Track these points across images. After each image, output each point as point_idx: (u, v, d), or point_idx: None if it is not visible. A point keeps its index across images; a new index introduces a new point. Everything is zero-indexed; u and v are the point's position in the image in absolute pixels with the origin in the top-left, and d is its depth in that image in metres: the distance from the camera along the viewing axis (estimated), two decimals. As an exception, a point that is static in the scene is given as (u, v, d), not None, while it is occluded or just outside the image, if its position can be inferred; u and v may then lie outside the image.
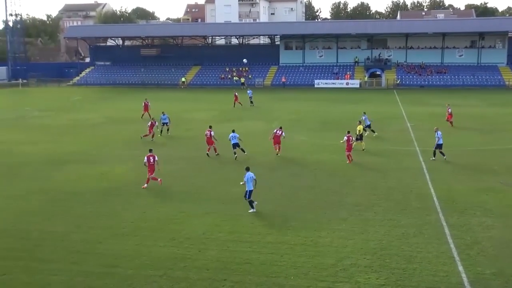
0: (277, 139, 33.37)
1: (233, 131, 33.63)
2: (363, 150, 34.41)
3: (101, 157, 33.61)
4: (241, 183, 24.15)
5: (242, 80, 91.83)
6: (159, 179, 25.99)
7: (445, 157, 31.36)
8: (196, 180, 27.68)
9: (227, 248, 18.26)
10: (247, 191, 22.20)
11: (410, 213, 21.80)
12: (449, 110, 44.67)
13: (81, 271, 16.59)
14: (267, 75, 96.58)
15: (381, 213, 21.85)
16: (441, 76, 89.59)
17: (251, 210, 22.10)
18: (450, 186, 25.85)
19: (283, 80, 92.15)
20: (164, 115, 42.19)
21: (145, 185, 25.94)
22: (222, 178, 27.96)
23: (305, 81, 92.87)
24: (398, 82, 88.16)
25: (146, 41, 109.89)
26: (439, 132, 31.58)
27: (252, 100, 62.25)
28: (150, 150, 26.39)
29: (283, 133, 33.45)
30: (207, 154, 33.51)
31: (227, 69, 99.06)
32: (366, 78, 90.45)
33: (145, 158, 26.22)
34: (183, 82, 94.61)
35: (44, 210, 22.78)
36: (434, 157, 31.57)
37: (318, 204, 23.11)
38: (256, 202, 22.37)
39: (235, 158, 32.48)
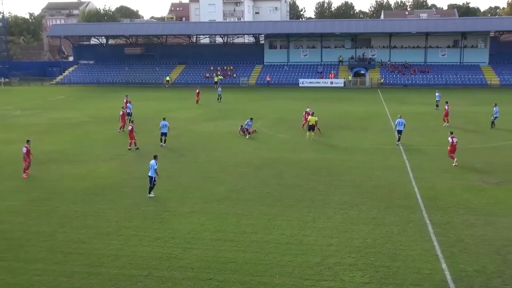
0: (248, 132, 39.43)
1: (164, 119, 36.17)
2: (312, 139, 37.45)
3: (84, 156, 33.38)
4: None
5: (216, 79, 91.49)
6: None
7: (398, 142, 35.78)
8: (180, 179, 27.61)
9: (212, 247, 18.24)
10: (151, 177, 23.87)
11: (394, 211, 21.96)
12: (447, 107, 44.98)
13: (65, 271, 16.48)
14: (251, 74, 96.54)
15: (366, 211, 21.98)
16: (424, 75, 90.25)
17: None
18: (434, 184, 26.07)
19: (268, 79, 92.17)
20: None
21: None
22: (207, 177, 27.93)
23: (290, 80, 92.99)
24: (382, 81, 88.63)
25: (130, 40, 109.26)
26: (401, 120, 36.08)
27: (220, 96, 65.61)
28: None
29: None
30: (130, 148, 35.07)
31: (212, 68, 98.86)
32: (350, 77, 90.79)
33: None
34: (168, 81, 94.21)
35: (27, 210, 22.58)
36: (399, 141, 36.02)
37: (303, 203, 23.18)
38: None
39: (161, 146, 35.58)
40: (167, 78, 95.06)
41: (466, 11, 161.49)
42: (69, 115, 53.32)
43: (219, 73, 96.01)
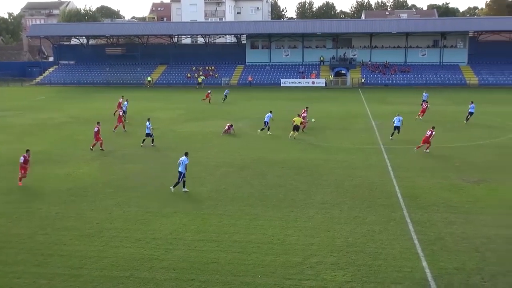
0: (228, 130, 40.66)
1: (148, 120, 36.85)
2: (294, 138, 38.49)
3: (66, 157, 33.10)
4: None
5: (200, 79, 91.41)
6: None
7: (392, 137, 37.95)
8: (163, 179, 27.51)
9: (194, 247, 18.23)
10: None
11: (375, 210, 22.14)
12: (424, 105, 48.79)
13: (45, 273, 16.35)
14: (233, 74, 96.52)
15: (347, 210, 22.12)
16: (404, 75, 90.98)
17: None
18: (414, 183, 26.32)
19: (250, 79, 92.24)
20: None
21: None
22: (189, 177, 27.81)
23: (272, 80, 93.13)
24: (363, 81, 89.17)
25: (111, 40, 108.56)
26: (399, 117, 38.35)
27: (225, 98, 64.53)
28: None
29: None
30: (91, 148, 35.14)
31: (193, 68, 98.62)
32: (331, 77, 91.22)
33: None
34: (149, 81, 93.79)
35: (7, 212, 22.34)
36: (392, 136, 38.18)
37: (285, 203, 23.26)
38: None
39: (141, 146, 36.23)
40: (149, 78, 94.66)
41: (446, 12, 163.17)
42: (51, 116, 52.82)
43: (200, 73, 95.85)
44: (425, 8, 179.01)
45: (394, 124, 38.23)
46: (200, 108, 58.51)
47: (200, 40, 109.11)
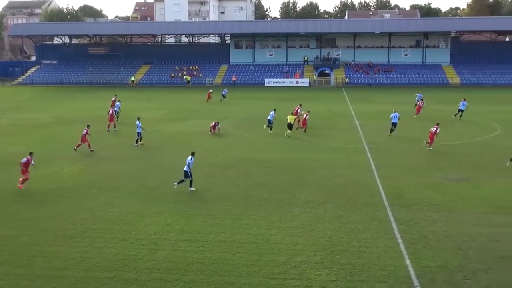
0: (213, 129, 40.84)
1: (138, 119, 36.84)
2: (288, 136, 39.25)
3: (49, 158, 32.75)
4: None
5: (188, 78, 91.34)
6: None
7: (390, 134, 39.17)
8: (146, 179, 27.43)
9: (179, 248, 18.20)
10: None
11: (359, 209, 22.27)
12: (420, 103, 51.17)
13: (28, 274, 16.21)
14: (217, 74, 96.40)
15: (331, 209, 22.22)
16: (387, 75, 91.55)
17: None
18: (397, 182, 26.52)
19: (234, 79, 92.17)
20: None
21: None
22: (173, 177, 27.76)
23: (256, 79, 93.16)
24: (346, 80, 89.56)
25: (94, 39, 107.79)
26: (396, 114, 39.59)
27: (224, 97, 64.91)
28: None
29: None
30: (75, 149, 34.70)
31: (177, 68, 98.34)
32: (315, 77, 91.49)
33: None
34: (133, 81, 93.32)
35: (-11, 214, 22.12)
36: (391, 133, 39.42)
37: (269, 202, 23.30)
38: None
39: (135, 146, 36.28)
40: (132, 78, 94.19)
41: (428, 12, 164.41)
42: (34, 116, 52.34)
43: (184, 73, 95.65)
44: (407, 8, 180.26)
45: (392, 121, 39.26)
46: (184, 108, 58.36)
47: (184, 39, 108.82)
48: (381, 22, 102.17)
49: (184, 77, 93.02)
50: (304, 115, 41.89)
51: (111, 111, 44.17)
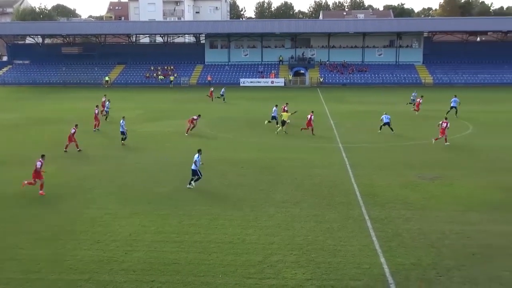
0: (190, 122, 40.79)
1: (123, 118, 37.17)
2: (277, 133, 40.08)
3: (22, 159, 32.20)
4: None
5: (172, 78, 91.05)
6: None
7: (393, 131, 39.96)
8: (121, 180, 27.23)
9: (154, 249, 18.12)
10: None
11: (334, 208, 22.43)
12: (420, 100, 52.65)
13: (1, 278, 15.98)
14: (192, 74, 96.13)
15: (307, 209, 22.34)
16: (362, 75, 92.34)
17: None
18: (372, 181, 26.77)
19: (209, 78, 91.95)
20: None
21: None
22: (149, 178, 27.67)
23: (231, 79, 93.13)
24: (321, 80, 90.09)
25: (67, 39, 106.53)
26: (387, 116, 40.37)
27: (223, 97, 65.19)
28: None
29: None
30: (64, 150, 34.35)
31: (152, 68, 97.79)
32: (290, 77, 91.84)
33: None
34: (107, 81, 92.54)
35: (-40, 216, 21.72)
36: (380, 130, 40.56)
37: (245, 202, 23.33)
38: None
39: (122, 144, 36.50)
40: (106, 78, 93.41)
41: (401, 12, 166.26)
42: (6, 117, 51.51)
43: (159, 73, 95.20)
44: (381, 8, 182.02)
45: (384, 121, 40.16)
46: (159, 108, 58.08)
47: (159, 39, 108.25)
48: (355, 22, 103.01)
49: (160, 77, 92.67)
50: (308, 116, 40.69)
51: (96, 111, 43.87)
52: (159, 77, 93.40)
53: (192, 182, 25.55)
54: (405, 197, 23.96)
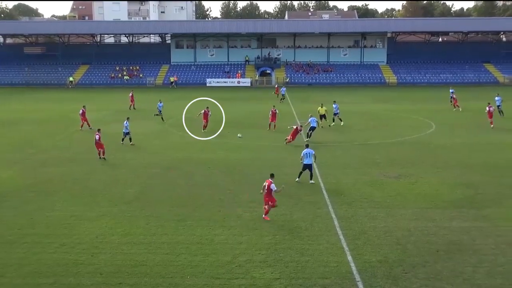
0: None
1: (127, 119, 37.15)
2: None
3: (-18, 162, 31.63)
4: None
5: (172, 79, 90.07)
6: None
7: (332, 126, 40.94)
8: (87, 182, 26.86)
9: (121, 251, 17.94)
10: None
11: (302, 207, 22.57)
12: (455, 96, 55.50)
13: (-36, 283, 15.62)
14: (158, 74, 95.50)
15: (274, 208, 22.37)
16: (327, 75, 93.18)
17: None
18: (339, 179, 27.03)
19: (175, 79, 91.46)
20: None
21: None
22: (115, 179, 27.37)
23: (197, 80, 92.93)
24: (287, 80, 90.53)
25: (29, 39, 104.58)
26: (313, 118, 38.69)
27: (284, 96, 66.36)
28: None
29: None
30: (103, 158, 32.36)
31: (117, 68, 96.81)
32: (256, 77, 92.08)
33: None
34: (71, 81, 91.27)
35: None
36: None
37: (213, 202, 23.29)
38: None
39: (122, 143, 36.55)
40: (71, 78, 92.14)
41: (365, 13, 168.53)
42: (-36, 119, 50.31)
43: (125, 73, 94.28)
44: (346, 9, 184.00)
45: (311, 125, 38.23)
46: (125, 109, 57.41)
47: (124, 39, 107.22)
48: (320, 23, 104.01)
49: (126, 77, 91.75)
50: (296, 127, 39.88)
51: (81, 111, 44.14)
52: (125, 77, 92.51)
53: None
54: (371, 195, 24.26)
